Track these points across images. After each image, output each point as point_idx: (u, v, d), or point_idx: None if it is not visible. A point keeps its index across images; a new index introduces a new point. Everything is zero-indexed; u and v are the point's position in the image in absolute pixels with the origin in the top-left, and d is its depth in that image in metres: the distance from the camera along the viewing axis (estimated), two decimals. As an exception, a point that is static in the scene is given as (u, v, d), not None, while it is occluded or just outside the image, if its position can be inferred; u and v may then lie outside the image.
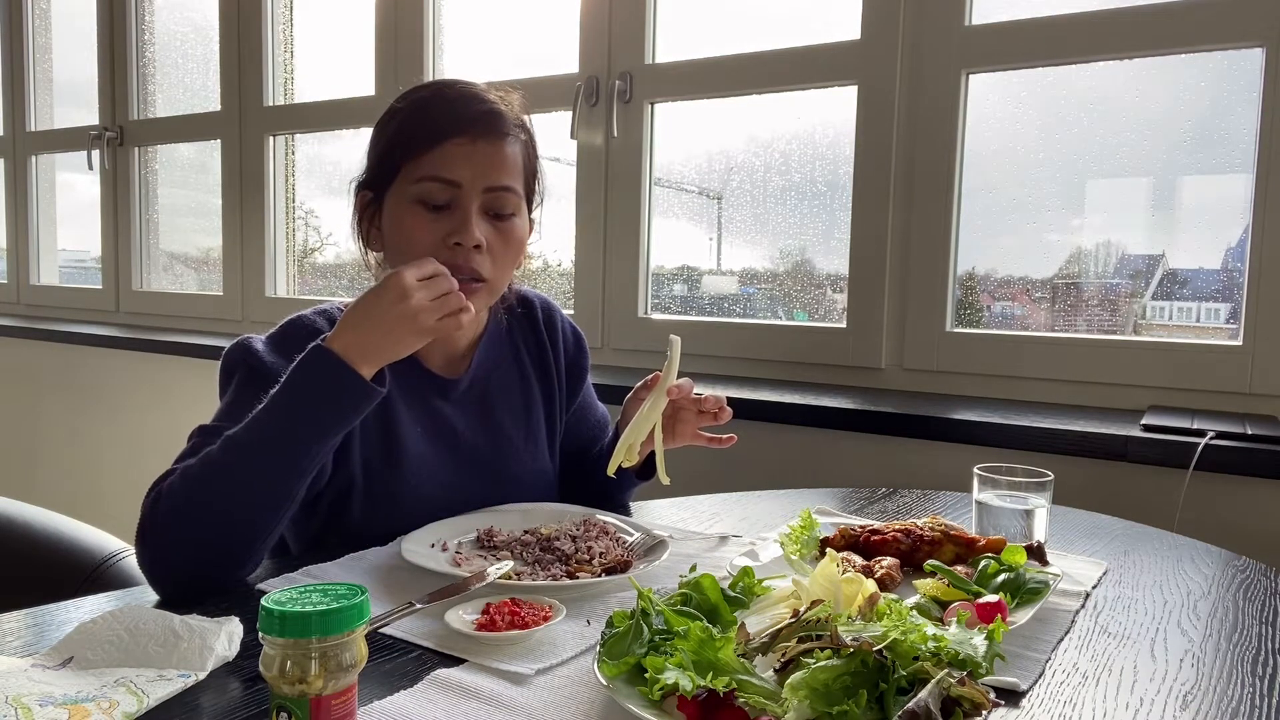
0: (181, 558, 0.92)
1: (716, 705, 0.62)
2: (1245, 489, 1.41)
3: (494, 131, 1.10)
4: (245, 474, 0.93)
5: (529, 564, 0.99)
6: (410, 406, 1.17)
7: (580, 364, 1.36)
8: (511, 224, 1.13)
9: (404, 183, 1.09)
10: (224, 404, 1.04)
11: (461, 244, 1.08)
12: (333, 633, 0.57)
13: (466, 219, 1.08)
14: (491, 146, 1.09)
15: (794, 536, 1.02)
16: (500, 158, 1.10)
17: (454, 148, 1.08)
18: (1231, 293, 1.66)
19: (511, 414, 1.26)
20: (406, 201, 1.09)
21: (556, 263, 2.48)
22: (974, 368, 1.81)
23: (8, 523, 1.30)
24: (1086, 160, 1.77)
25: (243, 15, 2.90)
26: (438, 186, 1.08)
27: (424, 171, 1.08)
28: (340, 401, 0.95)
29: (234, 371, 1.06)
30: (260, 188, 2.91)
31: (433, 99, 1.12)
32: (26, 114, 3.59)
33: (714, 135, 2.19)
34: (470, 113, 1.10)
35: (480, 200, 1.09)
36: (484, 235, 1.09)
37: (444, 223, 1.08)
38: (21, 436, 3.39)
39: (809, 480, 1.75)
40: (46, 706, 0.65)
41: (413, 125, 1.10)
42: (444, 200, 1.08)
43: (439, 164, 1.07)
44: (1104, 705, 0.71)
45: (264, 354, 1.05)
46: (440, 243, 1.08)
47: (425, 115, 1.10)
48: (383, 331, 0.96)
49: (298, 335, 1.08)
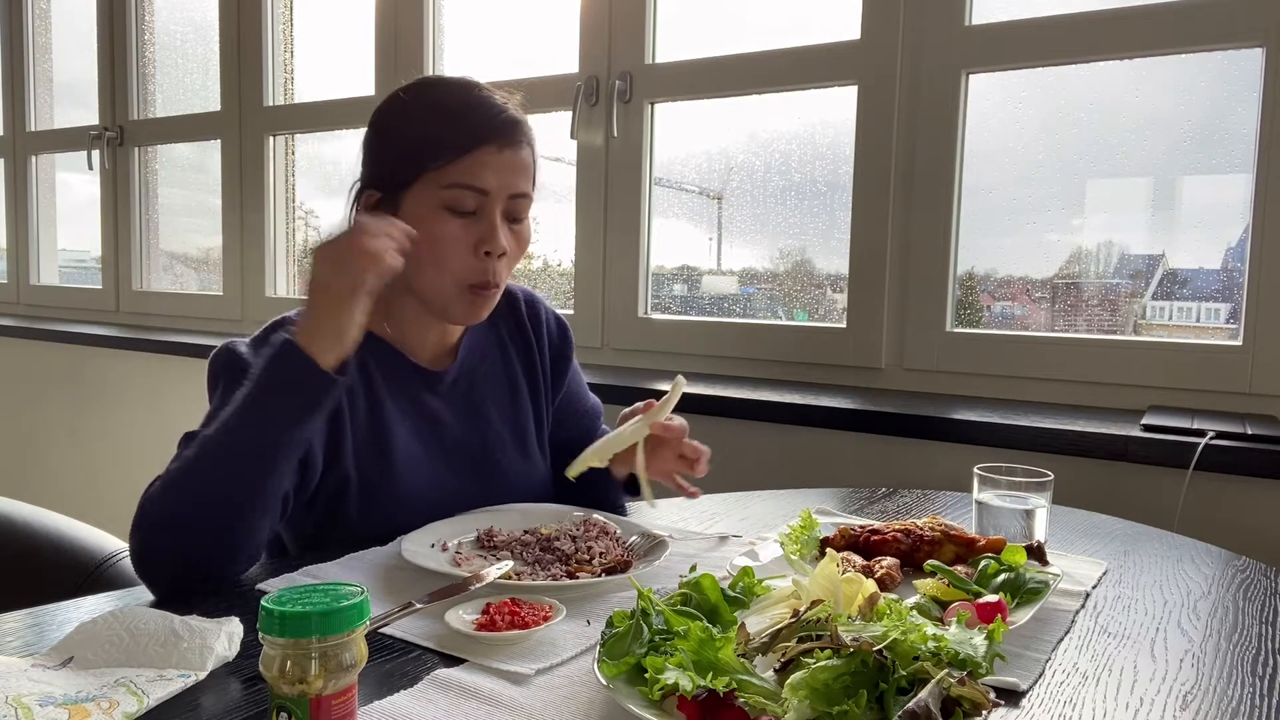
0: (170, 558, 0.93)
1: (716, 705, 0.62)
2: (1245, 489, 1.41)
3: (517, 139, 1.12)
4: (218, 474, 0.93)
5: (529, 564, 0.99)
6: (398, 401, 1.17)
7: (564, 353, 1.36)
8: (524, 227, 1.16)
9: (429, 187, 1.09)
10: (211, 409, 1.05)
11: (490, 253, 1.11)
12: (333, 633, 0.57)
13: (494, 227, 1.10)
14: (515, 154, 1.11)
15: (794, 536, 1.02)
16: (522, 165, 1.12)
17: (483, 156, 1.09)
18: (1231, 293, 1.66)
19: (498, 406, 1.26)
20: (433, 207, 1.10)
21: (556, 263, 2.48)
22: (974, 368, 1.81)
23: (8, 523, 1.30)
24: (1086, 160, 1.77)
25: (243, 15, 2.90)
26: (469, 194, 1.09)
27: (453, 179, 1.08)
28: (300, 394, 0.95)
29: (220, 376, 1.07)
30: (260, 188, 2.91)
31: (455, 105, 1.12)
32: (26, 114, 3.59)
33: (714, 135, 2.19)
34: (498, 121, 1.11)
35: (503, 206, 1.12)
36: (506, 242, 1.12)
37: (472, 229, 1.10)
38: (21, 436, 3.39)
39: (809, 480, 1.75)
40: (46, 706, 0.65)
41: (440, 131, 1.10)
42: (471, 208, 1.10)
43: (470, 173, 1.08)
44: (1104, 705, 0.71)
45: (247, 356, 1.06)
46: (470, 250, 1.10)
47: (453, 122, 1.10)
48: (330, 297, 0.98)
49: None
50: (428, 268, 1.11)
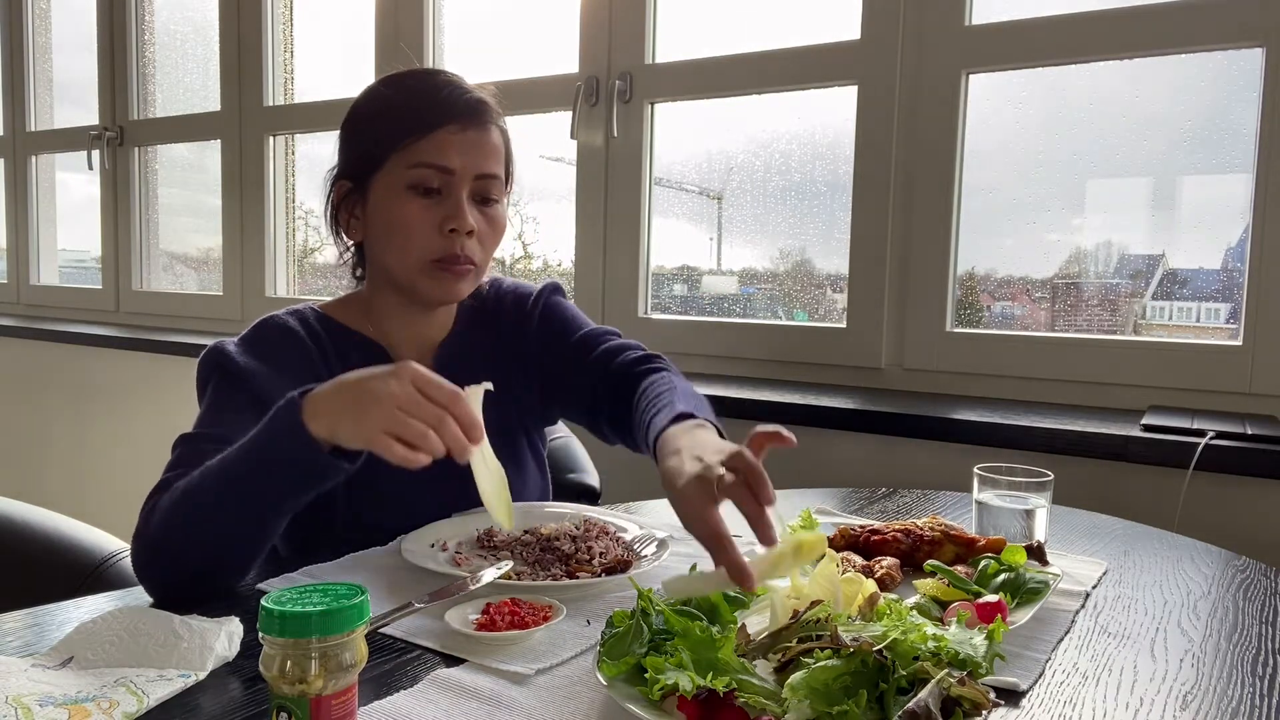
0: (170, 569, 0.93)
1: (716, 705, 0.62)
2: (1245, 489, 1.41)
3: (482, 120, 1.12)
4: (217, 511, 0.91)
5: (529, 564, 0.99)
6: None
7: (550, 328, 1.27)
8: (496, 210, 1.16)
9: (394, 170, 1.10)
10: (202, 410, 1.05)
11: (456, 230, 1.10)
12: (333, 633, 0.57)
13: (459, 205, 1.10)
14: (480, 134, 1.12)
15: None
16: (489, 145, 1.13)
17: (446, 135, 1.09)
18: (1231, 293, 1.66)
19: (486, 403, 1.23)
20: (399, 188, 1.10)
21: (556, 263, 2.48)
22: (974, 368, 1.81)
23: (8, 523, 1.30)
24: (1086, 160, 1.77)
25: (243, 15, 2.90)
26: (432, 173, 1.09)
27: (417, 158, 1.09)
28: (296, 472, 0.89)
29: (209, 377, 1.07)
30: (260, 188, 2.91)
31: (420, 87, 1.13)
32: (26, 114, 3.59)
33: (714, 135, 2.19)
34: (460, 102, 1.11)
35: (470, 187, 1.11)
36: (474, 222, 1.11)
37: (438, 209, 1.10)
38: (21, 436, 3.39)
39: (809, 480, 1.75)
40: (46, 706, 0.65)
41: (402, 113, 1.11)
42: (436, 186, 1.10)
43: (432, 151, 1.09)
44: (1104, 705, 0.71)
45: (236, 355, 1.06)
46: (436, 229, 1.10)
47: (416, 103, 1.11)
48: (353, 398, 0.86)
49: (269, 336, 1.11)
50: (394, 248, 1.12)
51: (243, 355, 1.07)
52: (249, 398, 1.04)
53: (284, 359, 1.10)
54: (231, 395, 1.05)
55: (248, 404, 1.03)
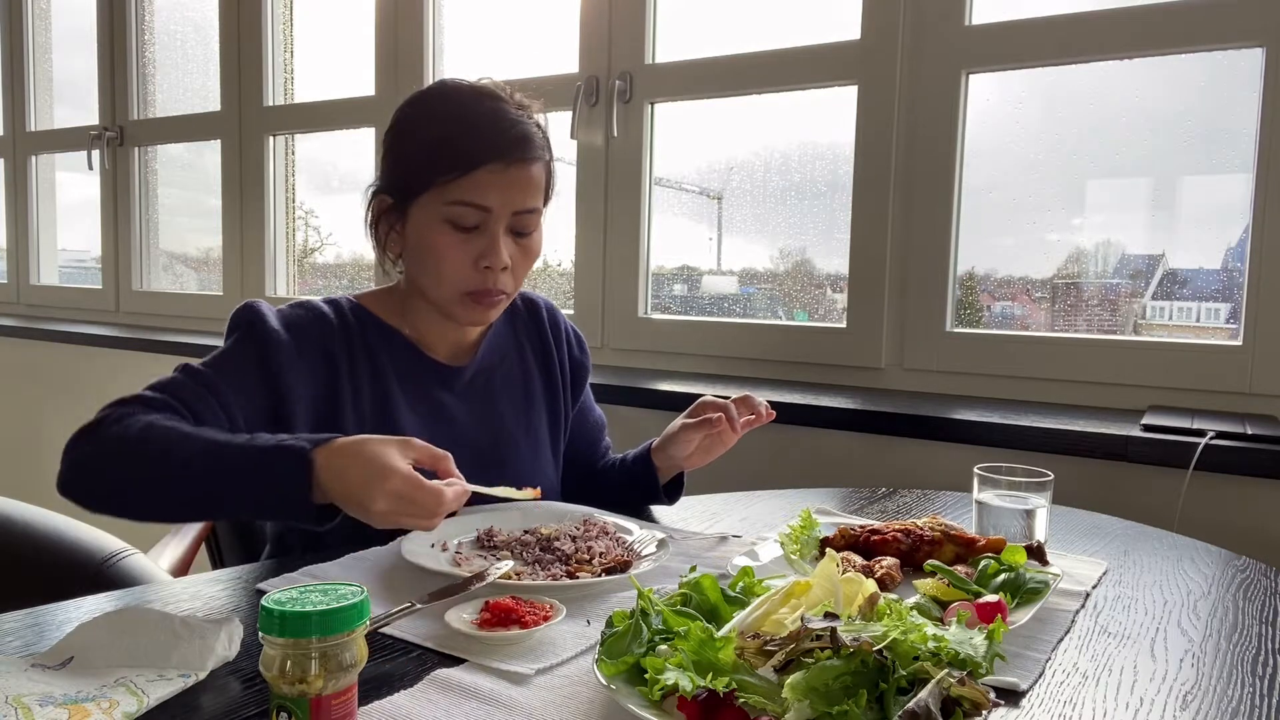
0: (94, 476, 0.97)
1: (716, 705, 0.62)
2: (1245, 489, 1.41)
3: (525, 157, 1.12)
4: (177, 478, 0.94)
5: (529, 564, 0.99)
6: (410, 395, 1.18)
7: (584, 364, 1.39)
8: (532, 240, 1.17)
9: (434, 200, 1.11)
10: (218, 353, 1.10)
11: (491, 267, 1.12)
12: (333, 633, 0.58)
13: (495, 243, 1.12)
14: (521, 172, 1.12)
15: (794, 536, 1.02)
16: (529, 182, 1.13)
17: (487, 174, 1.09)
18: (1231, 293, 1.66)
19: (513, 407, 1.27)
20: (436, 220, 1.11)
21: (556, 263, 2.48)
22: (974, 368, 1.81)
23: (8, 523, 1.30)
24: (1086, 160, 1.77)
25: (243, 15, 2.90)
26: (469, 211, 1.10)
27: (456, 195, 1.10)
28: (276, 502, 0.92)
29: (237, 328, 1.11)
30: (260, 188, 2.91)
31: (464, 115, 1.12)
32: (26, 114, 3.59)
33: (714, 135, 2.19)
34: (504, 139, 1.10)
35: (508, 221, 1.13)
36: (509, 255, 1.13)
37: (473, 244, 1.12)
38: (22, 436, 3.39)
39: (809, 480, 1.75)
40: (46, 706, 0.65)
41: (445, 146, 1.10)
42: (473, 223, 1.11)
43: (471, 190, 1.09)
44: (1104, 705, 0.71)
45: (269, 321, 1.11)
46: (470, 264, 1.12)
47: (458, 138, 1.10)
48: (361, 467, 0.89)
49: (304, 318, 1.15)
50: (429, 274, 1.14)
51: (275, 323, 1.11)
52: (259, 362, 1.08)
53: (308, 345, 1.13)
54: (245, 352, 1.09)
55: (256, 367, 1.08)
